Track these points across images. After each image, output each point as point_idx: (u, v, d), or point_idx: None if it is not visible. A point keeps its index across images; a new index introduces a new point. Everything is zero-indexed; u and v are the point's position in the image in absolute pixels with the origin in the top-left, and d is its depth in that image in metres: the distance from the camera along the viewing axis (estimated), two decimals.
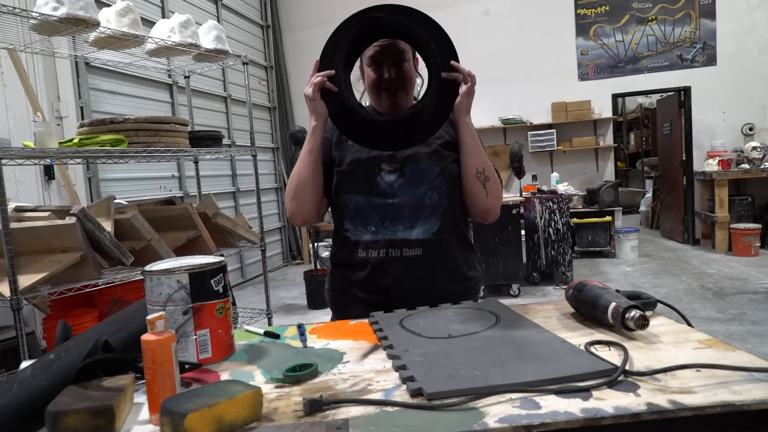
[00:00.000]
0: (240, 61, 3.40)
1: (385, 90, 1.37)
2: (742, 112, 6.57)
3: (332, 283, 1.47)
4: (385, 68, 1.36)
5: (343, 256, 1.40)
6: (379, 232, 1.34)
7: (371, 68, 1.38)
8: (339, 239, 1.42)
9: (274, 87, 7.66)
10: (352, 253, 1.37)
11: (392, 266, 1.34)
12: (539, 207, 5.11)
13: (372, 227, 1.34)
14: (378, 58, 1.36)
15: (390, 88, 1.37)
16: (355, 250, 1.37)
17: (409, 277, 1.33)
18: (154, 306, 0.97)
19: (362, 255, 1.36)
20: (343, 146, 1.40)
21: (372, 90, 1.40)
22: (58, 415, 0.72)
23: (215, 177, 5.87)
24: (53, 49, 2.86)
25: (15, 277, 1.96)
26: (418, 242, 1.33)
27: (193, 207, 2.89)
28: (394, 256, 1.34)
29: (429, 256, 1.34)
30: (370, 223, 1.35)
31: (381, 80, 1.37)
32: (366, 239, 1.35)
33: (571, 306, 1.18)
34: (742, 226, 5.97)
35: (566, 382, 0.79)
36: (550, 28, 6.99)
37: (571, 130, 7.02)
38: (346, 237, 1.39)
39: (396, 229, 1.34)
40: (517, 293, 4.80)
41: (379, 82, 1.37)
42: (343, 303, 1.42)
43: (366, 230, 1.35)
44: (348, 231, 1.38)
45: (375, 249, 1.34)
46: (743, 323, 3.74)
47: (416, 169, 1.35)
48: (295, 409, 0.77)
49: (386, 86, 1.37)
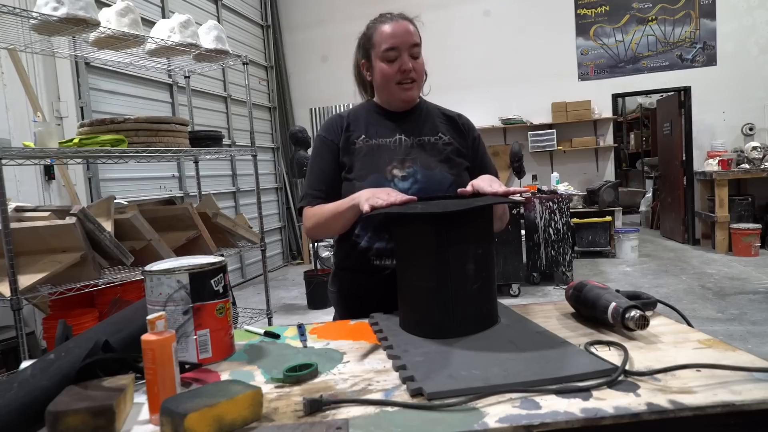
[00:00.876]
0: (240, 61, 3.40)
1: (403, 82, 1.35)
2: (742, 112, 6.57)
3: (339, 284, 1.45)
4: (403, 60, 1.34)
5: (354, 261, 1.38)
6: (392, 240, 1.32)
7: (386, 61, 1.35)
8: (347, 244, 1.39)
9: (274, 87, 7.66)
10: (362, 258, 1.35)
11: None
12: (539, 207, 5.11)
13: (386, 234, 1.33)
14: (396, 51, 1.33)
15: (408, 81, 1.35)
16: (366, 256, 1.34)
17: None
18: (154, 306, 0.97)
19: (376, 263, 1.34)
20: (351, 150, 1.38)
21: (388, 84, 1.37)
22: (58, 415, 0.72)
23: (215, 177, 5.87)
24: (53, 49, 2.86)
25: (15, 277, 1.96)
26: None
27: (193, 207, 2.88)
28: None
29: None
30: (383, 231, 1.33)
31: (400, 72, 1.34)
32: (379, 247, 1.33)
33: (571, 306, 1.18)
34: (743, 226, 5.97)
35: (566, 382, 0.79)
36: (550, 28, 6.99)
37: (571, 130, 7.02)
38: (355, 243, 1.36)
39: None
40: (517, 293, 4.80)
41: (396, 75, 1.34)
42: (352, 306, 1.40)
43: (379, 238, 1.33)
44: (359, 237, 1.36)
45: (390, 258, 1.33)
46: (743, 323, 3.74)
47: (430, 177, 1.33)
48: (295, 409, 0.77)
49: (404, 78, 1.35)
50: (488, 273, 1.07)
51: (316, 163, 1.41)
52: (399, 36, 1.33)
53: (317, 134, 1.45)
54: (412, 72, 1.34)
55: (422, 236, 1.06)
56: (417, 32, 1.38)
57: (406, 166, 1.34)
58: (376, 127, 1.40)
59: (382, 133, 1.39)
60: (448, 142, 1.40)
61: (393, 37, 1.33)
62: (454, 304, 1.03)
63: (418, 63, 1.36)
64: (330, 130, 1.41)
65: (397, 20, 1.36)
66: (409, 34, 1.34)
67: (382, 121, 1.42)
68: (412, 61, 1.34)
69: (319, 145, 1.42)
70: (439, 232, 1.03)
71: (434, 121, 1.44)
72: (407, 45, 1.34)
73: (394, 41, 1.33)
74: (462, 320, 1.03)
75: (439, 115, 1.47)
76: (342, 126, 1.41)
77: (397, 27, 1.34)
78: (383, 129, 1.40)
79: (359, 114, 1.44)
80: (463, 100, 7.25)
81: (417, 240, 1.08)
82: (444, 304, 1.03)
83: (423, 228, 1.06)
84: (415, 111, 1.44)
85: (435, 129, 1.42)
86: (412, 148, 1.37)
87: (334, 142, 1.39)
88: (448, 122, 1.46)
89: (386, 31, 1.34)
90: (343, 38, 7.85)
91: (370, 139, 1.38)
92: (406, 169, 1.33)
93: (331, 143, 1.39)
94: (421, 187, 1.32)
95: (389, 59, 1.34)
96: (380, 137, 1.38)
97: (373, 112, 1.44)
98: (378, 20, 1.39)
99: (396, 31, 1.33)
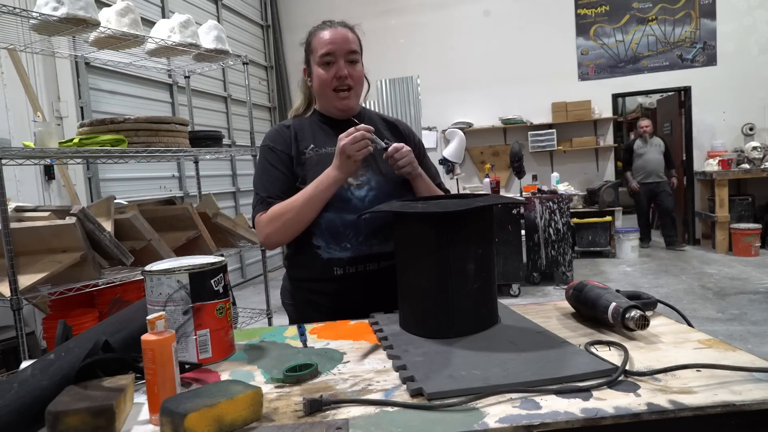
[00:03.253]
0: (240, 61, 3.40)
1: (339, 89, 1.37)
2: (742, 112, 6.57)
3: (295, 296, 1.44)
4: (339, 66, 1.35)
5: (313, 272, 1.37)
6: (355, 248, 1.33)
7: (323, 67, 1.36)
8: (306, 255, 1.37)
9: (274, 87, 7.66)
10: (324, 269, 1.35)
11: (370, 278, 1.34)
12: (539, 207, 5.11)
13: (347, 244, 1.33)
14: (332, 57, 1.35)
15: (344, 88, 1.37)
16: (328, 267, 1.34)
17: (388, 286, 1.27)
18: (154, 306, 0.97)
19: (339, 272, 1.34)
20: (302, 161, 1.37)
21: (324, 90, 1.38)
22: (58, 415, 0.72)
23: (215, 177, 5.87)
24: (53, 49, 2.86)
25: (15, 277, 1.96)
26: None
27: (193, 207, 2.88)
28: (372, 269, 1.34)
29: None
30: (344, 241, 1.33)
31: (336, 79, 1.35)
32: (341, 256, 1.33)
33: (571, 306, 1.18)
34: (743, 226, 5.97)
35: (566, 382, 0.79)
36: (550, 28, 6.99)
37: (571, 130, 7.02)
38: (316, 254, 1.35)
39: (371, 244, 1.34)
40: (517, 293, 4.80)
41: (332, 81, 1.36)
42: (309, 314, 1.38)
43: (340, 248, 1.33)
44: (319, 248, 1.35)
45: (352, 265, 1.33)
46: (743, 323, 3.74)
47: (383, 183, 1.35)
48: (295, 409, 0.77)
49: (340, 85, 1.36)
50: (488, 273, 1.07)
51: (268, 172, 1.38)
52: (336, 42, 1.35)
53: (263, 145, 1.43)
54: (348, 79, 1.36)
55: (422, 236, 1.06)
56: (357, 40, 1.40)
57: (359, 175, 1.35)
58: (323, 136, 1.41)
59: (330, 142, 1.38)
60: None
61: (330, 43, 1.35)
62: (454, 304, 1.03)
63: (355, 70, 1.38)
64: (278, 141, 1.40)
65: (336, 27, 1.38)
66: (346, 41, 1.36)
67: (327, 130, 1.42)
68: (349, 68, 1.36)
69: (268, 155, 1.40)
70: (439, 232, 1.03)
71: (377, 128, 1.44)
72: (344, 51, 1.35)
73: (330, 47, 1.35)
74: (462, 320, 1.03)
75: (380, 121, 1.49)
76: (290, 136, 1.40)
77: (335, 33, 1.36)
78: (330, 138, 1.39)
79: (303, 124, 1.44)
80: (463, 100, 7.27)
81: (417, 240, 1.08)
82: (444, 304, 1.03)
83: (423, 228, 1.06)
84: (357, 118, 1.44)
85: (380, 136, 1.40)
86: None
87: (284, 152, 1.38)
88: (390, 129, 1.49)
89: (324, 37, 1.36)
90: None
91: (319, 148, 1.39)
92: (360, 178, 1.35)
93: (282, 153, 1.38)
94: (376, 194, 1.34)
95: (326, 64, 1.36)
96: (328, 146, 1.38)
97: (318, 121, 1.44)
98: (318, 27, 1.41)
99: (333, 37, 1.35)
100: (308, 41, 1.42)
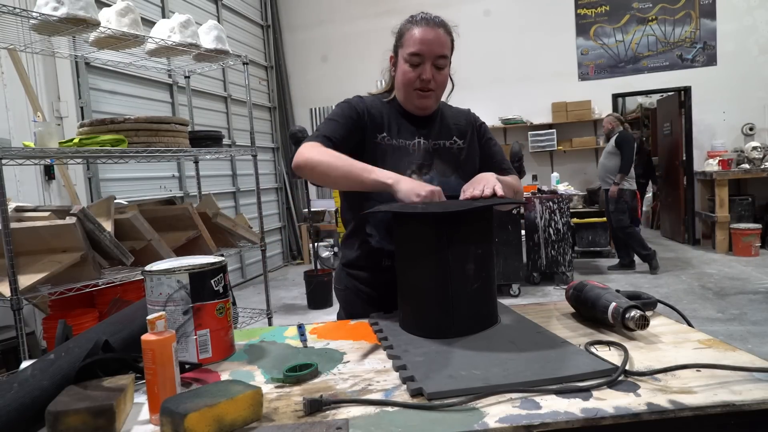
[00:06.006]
0: (240, 61, 3.40)
1: (420, 90, 1.34)
2: (742, 112, 6.56)
3: (344, 282, 1.45)
4: (425, 68, 1.31)
5: (361, 257, 1.38)
6: None
7: (409, 65, 1.32)
8: (358, 242, 1.38)
9: (274, 87, 7.66)
10: (372, 257, 1.35)
11: None
12: (539, 207, 5.11)
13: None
14: (420, 58, 1.31)
15: (425, 89, 1.34)
16: (377, 256, 1.35)
17: None
18: (155, 306, 0.97)
19: (387, 263, 1.33)
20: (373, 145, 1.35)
21: (405, 87, 1.35)
22: (58, 415, 0.72)
23: (215, 177, 5.87)
24: (53, 49, 2.86)
25: (15, 277, 1.96)
26: None
27: (193, 207, 2.88)
28: None
29: None
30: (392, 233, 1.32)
31: (419, 80, 1.32)
32: (390, 249, 1.32)
33: (571, 306, 1.18)
34: (743, 226, 5.97)
35: (566, 382, 0.79)
36: (550, 27, 6.99)
37: (571, 130, 7.01)
38: (367, 241, 1.36)
39: None
40: (517, 293, 4.80)
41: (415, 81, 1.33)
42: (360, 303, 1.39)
43: (391, 242, 1.32)
44: (371, 237, 1.35)
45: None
46: (743, 323, 3.74)
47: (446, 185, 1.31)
48: (295, 409, 0.77)
49: (422, 86, 1.33)
50: (488, 273, 1.07)
51: (339, 116, 1.34)
52: (426, 44, 1.29)
53: (346, 100, 1.40)
54: (431, 83, 1.32)
55: (423, 236, 1.06)
56: (449, 42, 1.35)
57: (423, 174, 1.34)
58: (398, 127, 1.39)
59: (404, 135, 1.38)
60: (462, 147, 1.41)
61: (420, 44, 1.29)
62: (454, 304, 1.03)
63: (441, 74, 1.34)
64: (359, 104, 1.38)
65: (431, 26, 1.31)
66: (437, 44, 1.30)
67: (403, 122, 1.40)
68: (434, 71, 1.32)
69: (347, 108, 1.37)
70: (439, 233, 1.03)
71: (448, 124, 1.44)
72: (433, 55, 1.30)
73: (420, 48, 1.29)
74: (462, 320, 1.03)
75: (452, 116, 1.48)
76: (365, 108, 1.38)
77: (428, 34, 1.30)
78: (404, 130, 1.39)
79: (380, 109, 1.41)
80: (463, 100, 7.17)
81: (417, 240, 1.08)
82: (444, 304, 1.03)
83: (423, 228, 1.06)
84: (433, 115, 1.43)
85: (449, 133, 1.41)
86: (428, 152, 1.37)
87: (361, 116, 1.35)
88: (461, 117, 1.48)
89: (415, 35, 1.31)
90: (343, 38, 7.89)
91: (391, 138, 1.37)
92: (423, 177, 1.33)
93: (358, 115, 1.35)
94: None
95: (412, 63, 1.32)
96: (401, 138, 1.37)
97: (396, 111, 1.42)
98: (414, 20, 1.34)
99: (425, 37, 1.30)
100: (400, 31, 1.36)
